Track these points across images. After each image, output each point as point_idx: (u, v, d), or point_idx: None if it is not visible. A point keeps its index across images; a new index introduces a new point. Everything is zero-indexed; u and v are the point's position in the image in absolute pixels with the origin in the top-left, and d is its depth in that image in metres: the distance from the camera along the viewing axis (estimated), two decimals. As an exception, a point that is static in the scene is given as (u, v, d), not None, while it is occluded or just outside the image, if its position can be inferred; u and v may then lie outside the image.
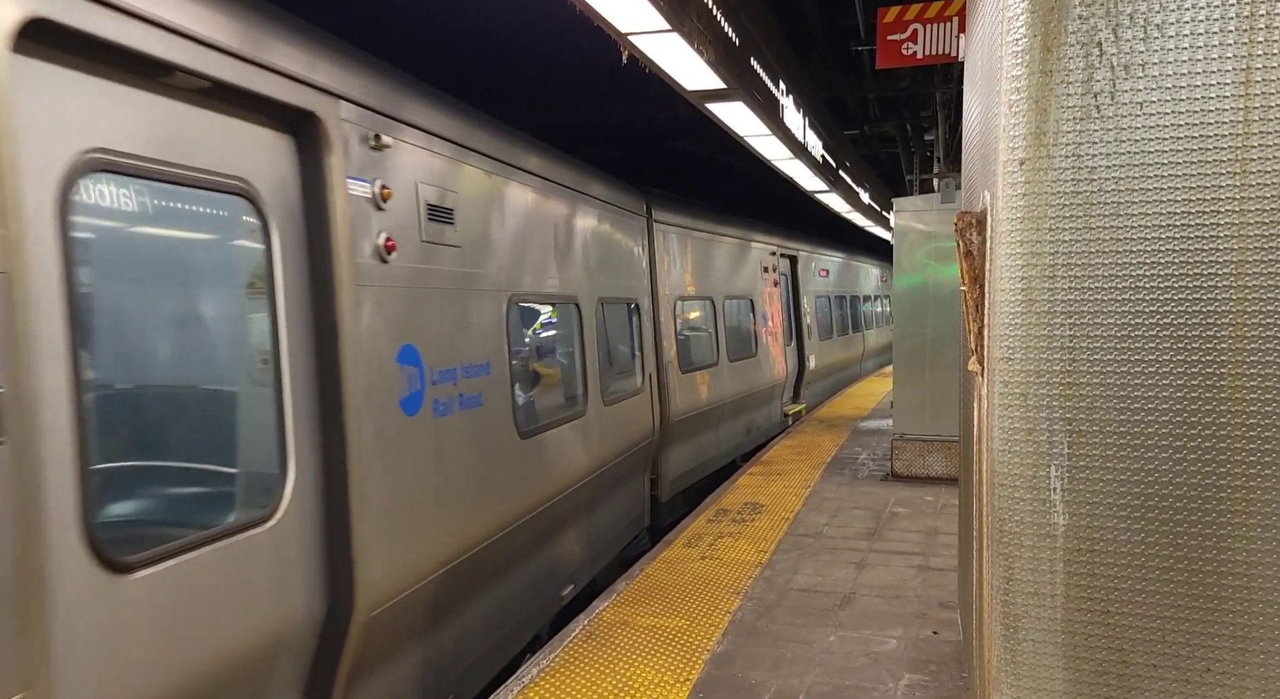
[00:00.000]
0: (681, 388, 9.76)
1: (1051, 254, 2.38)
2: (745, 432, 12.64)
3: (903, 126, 15.64)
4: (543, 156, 6.49)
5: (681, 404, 9.74)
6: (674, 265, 9.93)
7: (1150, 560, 2.36)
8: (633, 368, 8.66)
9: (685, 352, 10.25)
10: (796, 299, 15.98)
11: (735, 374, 11.77)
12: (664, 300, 9.44)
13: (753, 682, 4.71)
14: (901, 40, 8.34)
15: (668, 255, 9.68)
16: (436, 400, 4.71)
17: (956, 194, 8.98)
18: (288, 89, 3.63)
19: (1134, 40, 2.28)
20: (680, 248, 10.20)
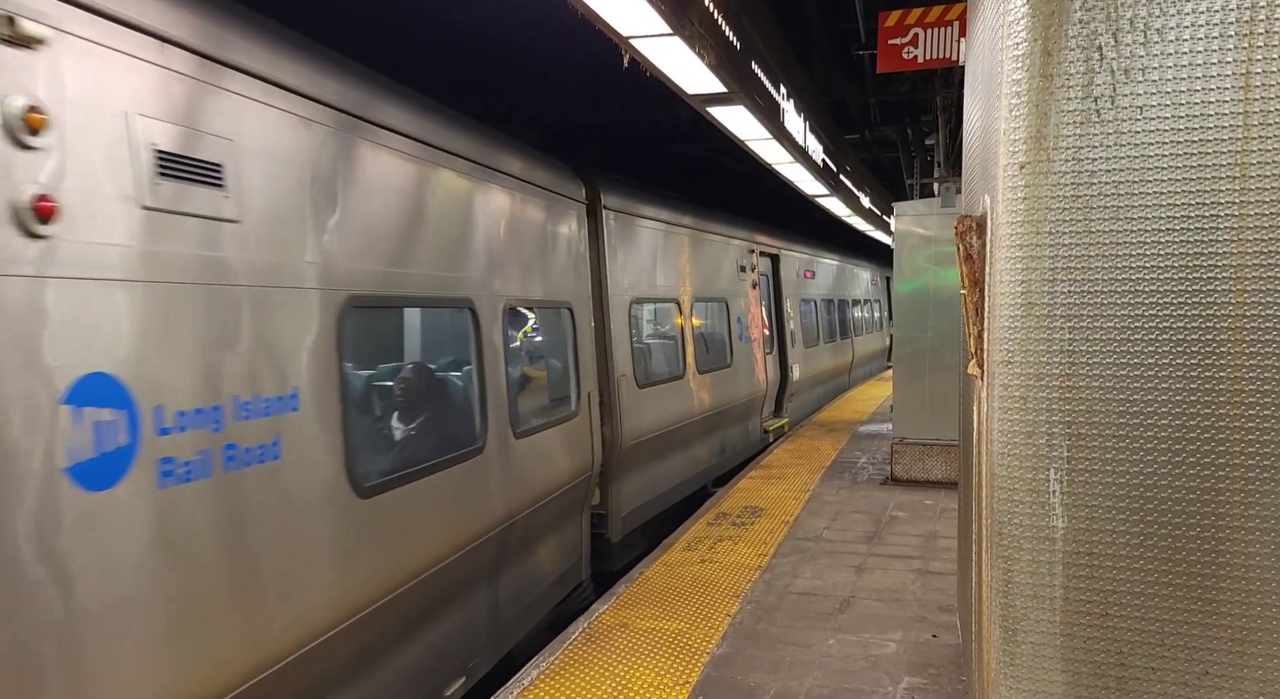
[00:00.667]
0: (638, 406, 8.46)
1: (1051, 257, 2.39)
2: (719, 452, 11.25)
3: (903, 131, 15.64)
4: (422, 116, 5.09)
5: (638, 425, 8.45)
6: (630, 262, 8.62)
7: (1149, 563, 2.36)
8: (563, 387, 7.21)
9: (644, 363, 9.01)
10: (779, 302, 14.57)
11: (706, 387, 10.47)
12: (615, 303, 8.14)
13: (752, 684, 4.71)
14: (902, 44, 8.35)
15: (621, 250, 8.40)
16: (168, 460, 3.14)
17: (957, 198, 8.99)
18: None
19: (1134, 44, 2.29)
20: (638, 241, 8.91)
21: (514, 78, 10.31)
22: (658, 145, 14.51)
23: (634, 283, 8.70)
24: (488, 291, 5.75)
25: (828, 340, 17.92)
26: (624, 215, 8.49)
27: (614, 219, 8.22)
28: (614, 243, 8.22)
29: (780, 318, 14.52)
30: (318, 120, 4.09)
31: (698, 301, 10.53)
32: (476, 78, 10.15)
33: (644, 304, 9.26)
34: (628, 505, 8.46)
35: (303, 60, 4.03)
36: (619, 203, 8.37)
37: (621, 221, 8.43)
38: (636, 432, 8.43)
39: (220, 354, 3.43)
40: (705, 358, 10.65)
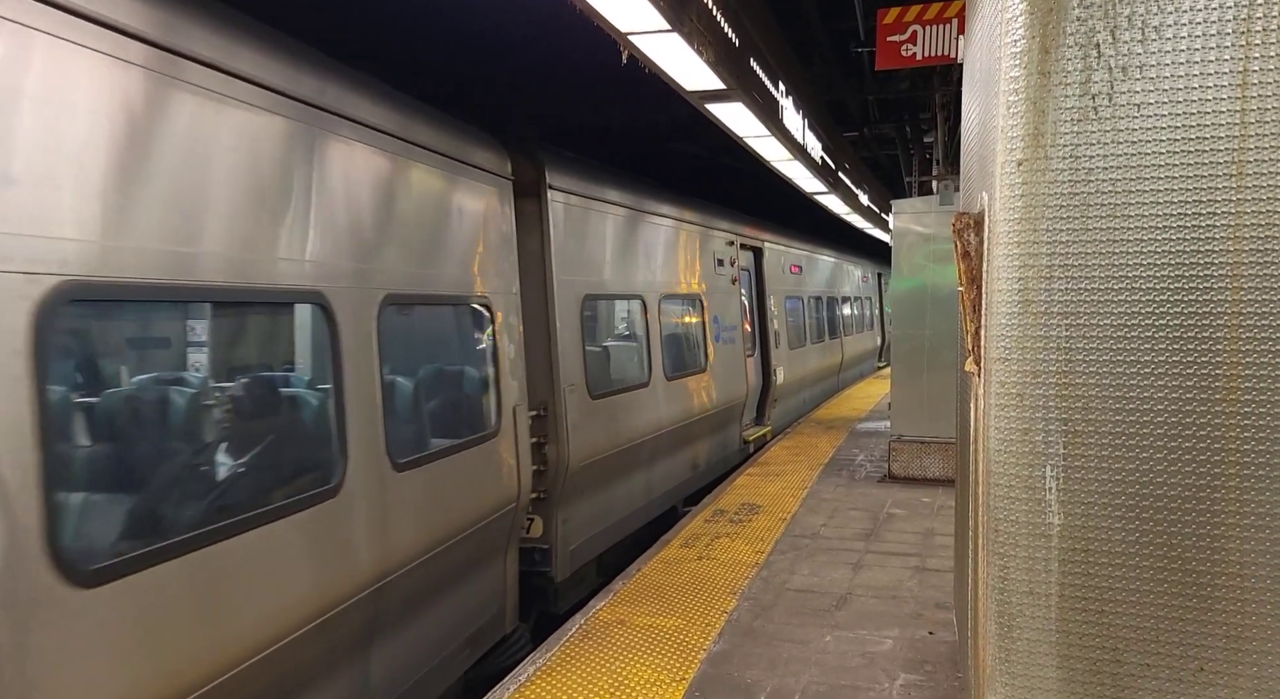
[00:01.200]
0: (590, 421, 7.36)
1: (1049, 255, 2.39)
2: (690, 468, 10.13)
3: (902, 129, 15.65)
4: (251, 48, 3.88)
5: (590, 443, 7.32)
6: (583, 252, 7.57)
7: (1144, 560, 2.37)
8: (477, 402, 5.96)
9: (599, 370, 7.92)
10: (761, 299, 13.42)
11: (676, 395, 9.33)
12: (564, 300, 7.04)
13: (749, 681, 4.72)
14: (901, 42, 8.35)
15: (573, 238, 7.31)
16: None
17: (955, 196, 8.99)
18: None
19: (1132, 42, 2.29)
20: (595, 229, 7.83)
21: (513, 76, 10.30)
22: (656, 144, 14.49)
23: (588, 277, 7.63)
24: (352, 282, 4.44)
25: (815, 340, 16.80)
26: (576, 198, 7.40)
27: (563, 202, 7.15)
28: (563, 230, 7.13)
29: (763, 316, 13.41)
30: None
31: (668, 299, 9.44)
32: (477, 75, 10.14)
33: (601, 301, 8.18)
34: (578, 537, 7.34)
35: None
36: (570, 184, 7.32)
37: (573, 206, 7.35)
38: (588, 450, 7.31)
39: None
40: (675, 362, 9.60)
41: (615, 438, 7.93)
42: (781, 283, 14.46)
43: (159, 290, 3.34)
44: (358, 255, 4.55)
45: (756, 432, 12.67)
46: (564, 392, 6.97)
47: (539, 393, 6.82)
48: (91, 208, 3.05)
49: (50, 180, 2.90)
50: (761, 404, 13.26)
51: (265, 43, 4.02)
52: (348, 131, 4.53)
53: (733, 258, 11.82)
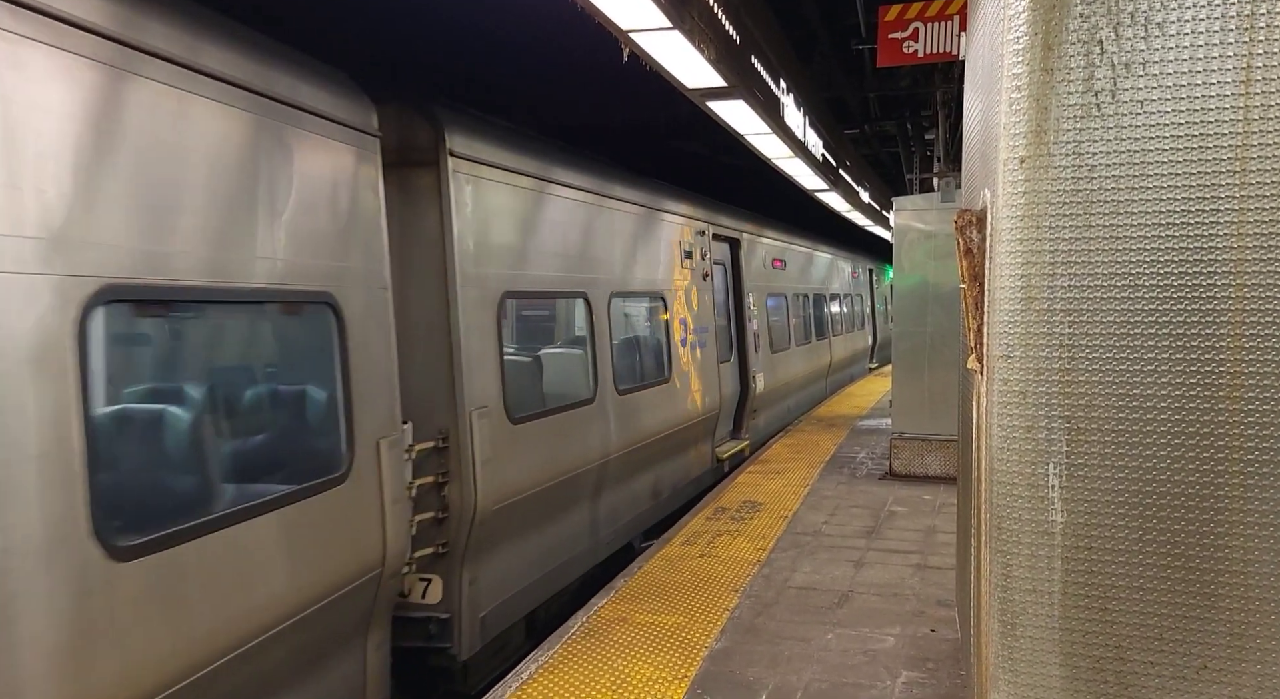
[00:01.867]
0: (510, 451, 5.95)
1: (1051, 252, 2.38)
2: (650, 496, 8.69)
3: (903, 126, 15.66)
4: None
5: (509, 479, 5.91)
6: (501, 240, 6.09)
7: (1148, 558, 2.37)
8: (303, 439, 4.62)
9: (523, 386, 6.60)
10: (739, 297, 11.97)
11: (630, 412, 8.00)
12: (470, 299, 5.63)
13: (750, 679, 4.72)
14: (902, 39, 8.34)
15: (485, 222, 5.85)
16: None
17: (956, 193, 8.99)
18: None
19: (1135, 39, 2.28)
20: (519, 212, 6.39)
21: (514, 75, 10.29)
22: (657, 142, 14.49)
23: (510, 270, 6.20)
24: (14, 267, 2.87)
25: (801, 342, 15.34)
26: (495, 171, 5.95)
27: (473, 176, 5.71)
28: (473, 211, 5.69)
29: (741, 316, 11.96)
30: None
31: (620, 297, 8.07)
32: (478, 73, 10.14)
33: (527, 301, 6.86)
34: (492, 599, 5.90)
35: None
36: (485, 153, 5.85)
37: (490, 181, 5.91)
38: (507, 488, 5.89)
39: None
40: (630, 372, 8.30)
41: (546, 469, 6.46)
42: (762, 279, 13.11)
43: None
44: (42, 224, 2.98)
45: (732, 447, 11.23)
46: (471, 416, 5.51)
47: (436, 418, 5.45)
48: None
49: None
50: (739, 415, 11.86)
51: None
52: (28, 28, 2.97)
53: (704, 250, 10.39)
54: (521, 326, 7.27)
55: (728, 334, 11.53)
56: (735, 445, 11.37)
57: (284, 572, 3.99)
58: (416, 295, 5.50)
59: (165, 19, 3.53)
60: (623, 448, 7.82)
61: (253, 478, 4.10)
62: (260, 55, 4.07)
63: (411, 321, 5.42)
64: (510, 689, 4.64)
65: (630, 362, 8.47)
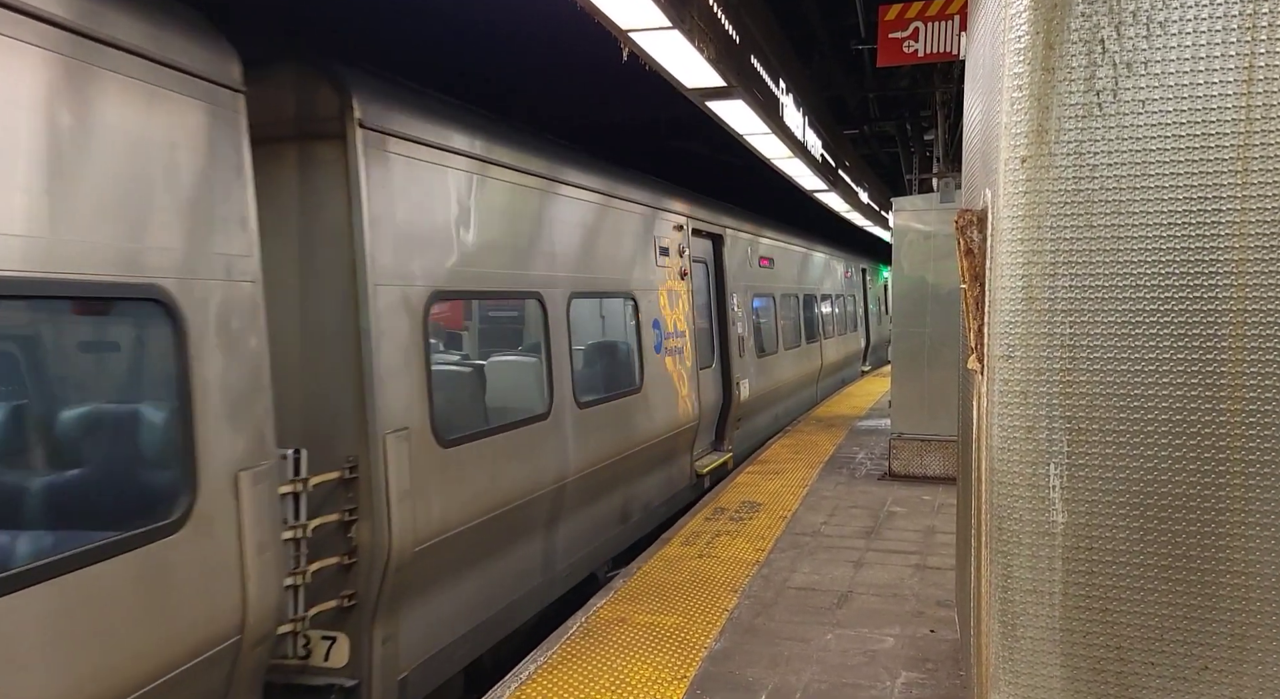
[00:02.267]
0: (438, 479, 5.11)
1: (1052, 252, 2.38)
2: (618, 520, 7.81)
3: (902, 126, 15.66)
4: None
5: (435, 513, 5.07)
6: (427, 229, 5.21)
7: (1149, 559, 2.36)
8: (111, 481, 3.60)
9: (457, 402, 5.77)
10: (722, 298, 11.07)
11: (593, 427, 7.11)
12: (388, 299, 4.79)
13: (750, 679, 4.72)
14: (903, 38, 8.34)
15: (407, 207, 4.99)
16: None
17: (956, 194, 8.99)
18: None
19: (1137, 38, 2.28)
20: (451, 197, 5.45)
21: (514, 74, 10.28)
22: (657, 141, 14.49)
23: (440, 266, 5.31)
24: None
25: (790, 345, 14.42)
26: (416, 148, 5.10)
27: (391, 152, 4.89)
28: (390, 194, 4.87)
29: (724, 319, 11.07)
30: None
31: (581, 297, 7.18)
32: (478, 72, 10.13)
33: (459, 302, 6.02)
34: (415, 656, 5.05)
35: None
36: (403, 125, 5.00)
37: (414, 160, 5.08)
38: (432, 525, 5.04)
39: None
40: (593, 382, 7.58)
41: (486, 499, 5.58)
42: (748, 278, 12.26)
43: None
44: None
45: (714, 460, 10.29)
46: (385, 440, 4.66)
47: (342, 443, 4.63)
48: None
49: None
50: (721, 426, 10.95)
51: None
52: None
53: (682, 246, 9.50)
54: (459, 332, 6.42)
55: (709, 338, 10.71)
56: (717, 458, 10.42)
57: (70, 658, 2.97)
58: (318, 294, 4.64)
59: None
60: (584, 468, 6.89)
61: (23, 537, 3.08)
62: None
63: (312, 326, 4.64)
64: (509, 689, 4.63)
65: (594, 370, 7.77)
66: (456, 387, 5.85)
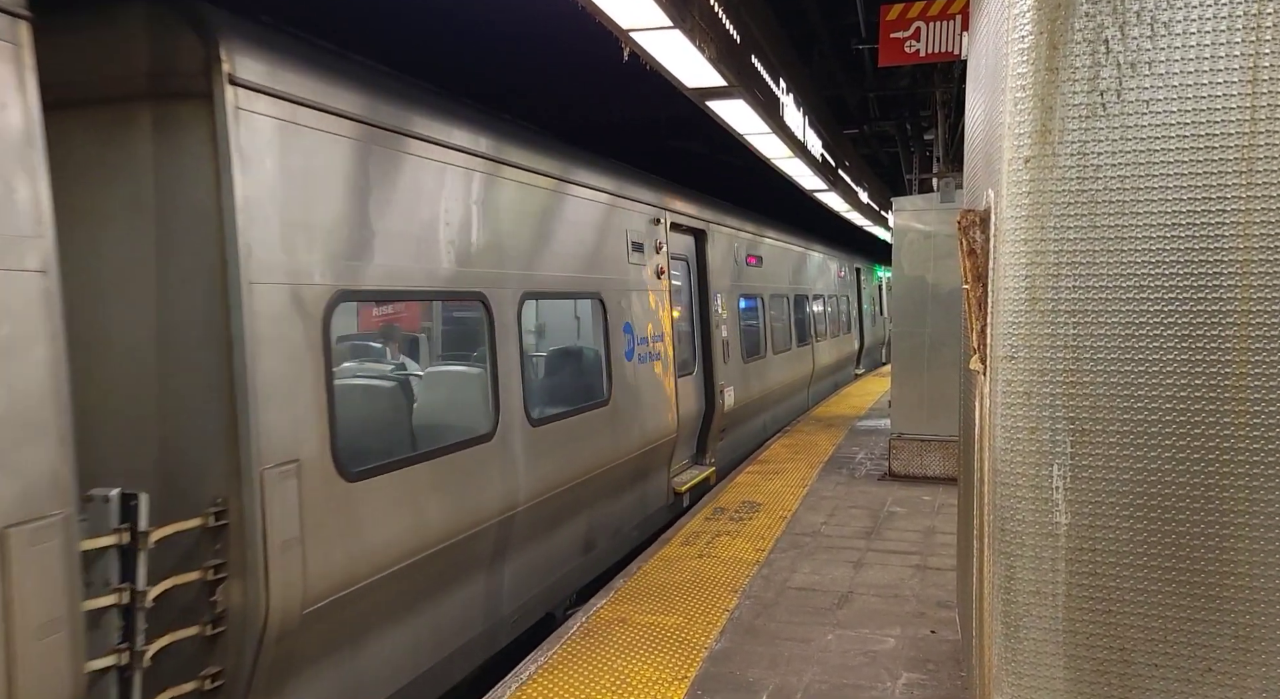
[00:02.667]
0: (337, 524, 4.20)
1: (1056, 252, 2.37)
2: (580, 550, 6.95)
3: (902, 126, 15.65)
4: None
5: (336, 563, 4.18)
6: (324, 213, 4.27)
7: (1153, 560, 2.35)
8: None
9: (372, 425, 5.11)
10: (704, 299, 10.22)
11: (550, 447, 6.21)
12: (270, 298, 3.90)
13: (751, 679, 4.71)
14: (904, 38, 8.33)
15: (294, 184, 4.08)
16: None
17: (957, 193, 8.99)
18: None
19: (1141, 38, 2.27)
20: (360, 175, 4.53)
21: (513, 72, 10.27)
22: (657, 141, 14.47)
23: (346, 260, 4.37)
24: None
25: (779, 349, 13.55)
26: (313, 114, 4.15)
27: (273, 117, 3.94)
28: (273, 168, 3.94)
29: (707, 322, 10.22)
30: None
31: (535, 299, 6.29)
32: (477, 70, 10.12)
33: (369, 304, 5.37)
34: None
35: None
36: (292, 85, 4.05)
37: (304, 127, 4.11)
38: (330, 579, 4.13)
39: None
40: (551, 396, 6.89)
41: (408, 541, 4.66)
42: (734, 277, 11.44)
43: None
44: None
45: (695, 476, 9.48)
46: (263, 476, 3.75)
47: (208, 481, 3.73)
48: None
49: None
50: (703, 438, 10.08)
51: None
52: None
53: (659, 242, 8.65)
54: (377, 340, 5.59)
55: (690, 342, 9.93)
56: (699, 473, 9.57)
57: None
58: (178, 293, 3.72)
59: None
60: (538, 495, 6.01)
61: None
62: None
63: (170, 333, 3.72)
64: (510, 690, 4.63)
65: (553, 382, 7.02)
66: (371, 406, 5.10)
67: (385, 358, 5.88)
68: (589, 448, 6.87)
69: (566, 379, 7.40)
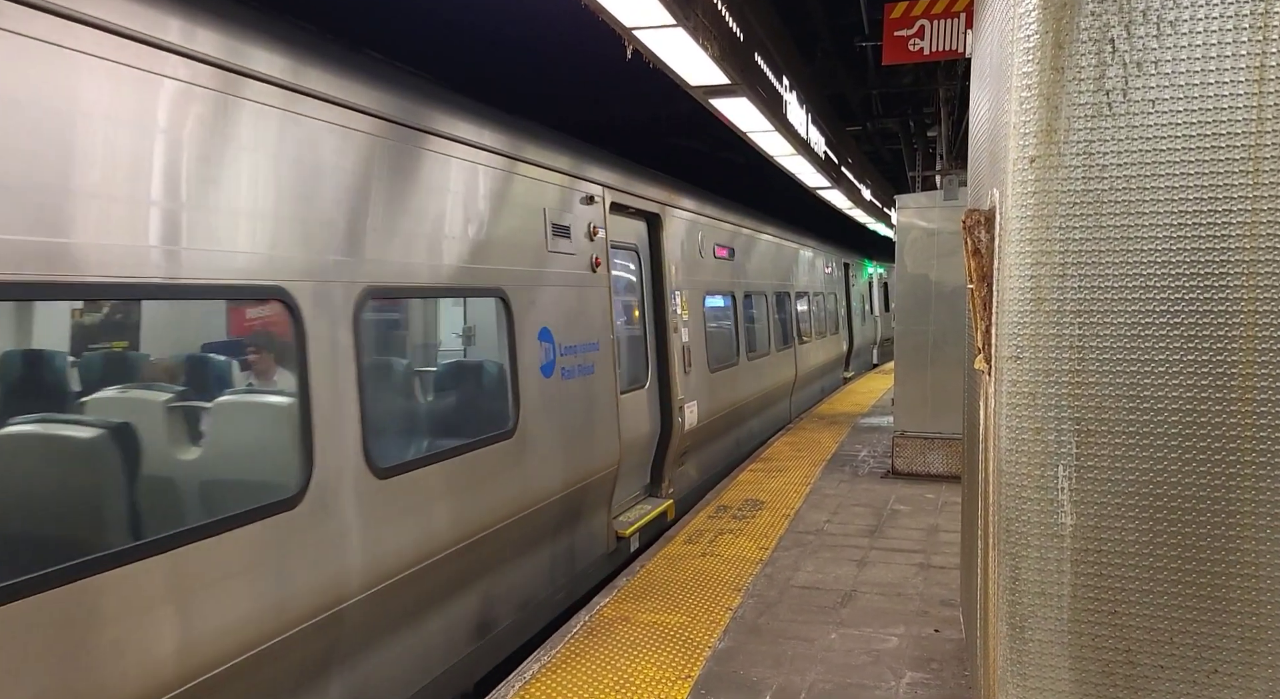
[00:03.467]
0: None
1: (1062, 252, 2.36)
2: (470, 634, 5.23)
3: (905, 123, 15.64)
4: None
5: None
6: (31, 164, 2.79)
7: (1158, 561, 2.35)
8: None
9: (45, 506, 3.04)
10: (659, 297, 8.47)
11: (411, 506, 4.56)
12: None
13: (754, 679, 4.71)
14: (908, 36, 8.31)
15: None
16: None
17: (960, 191, 8.97)
18: None
19: (1147, 37, 2.26)
20: (74, 107, 2.97)
21: (514, 71, 10.26)
22: (658, 139, 14.44)
23: (34, 229, 2.85)
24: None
25: (756, 354, 11.94)
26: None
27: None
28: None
29: (662, 324, 8.49)
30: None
31: (390, 296, 4.61)
32: (480, 71, 10.11)
33: (72, 302, 3.26)
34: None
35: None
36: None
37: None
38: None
39: None
40: (409, 432, 5.11)
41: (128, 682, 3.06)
42: (699, 271, 9.73)
43: None
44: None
45: (646, 513, 7.85)
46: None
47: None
48: None
49: None
50: (658, 465, 8.47)
51: None
52: None
53: (595, 226, 6.97)
54: (60, 361, 3.30)
55: (641, 349, 8.22)
56: (650, 510, 7.93)
57: None
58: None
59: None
60: (388, 577, 4.35)
61: None
62: None
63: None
64: (513, 689, 4.63)
65: (412, 414, 5.25)
66: (32, 472, 3.04)
67: (76, 387, 3.35)
68: (480, 498, 5.17)
69: (442, 407, 5.55)
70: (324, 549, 3.96)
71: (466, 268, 5.25)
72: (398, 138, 4.66)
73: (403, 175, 4.71)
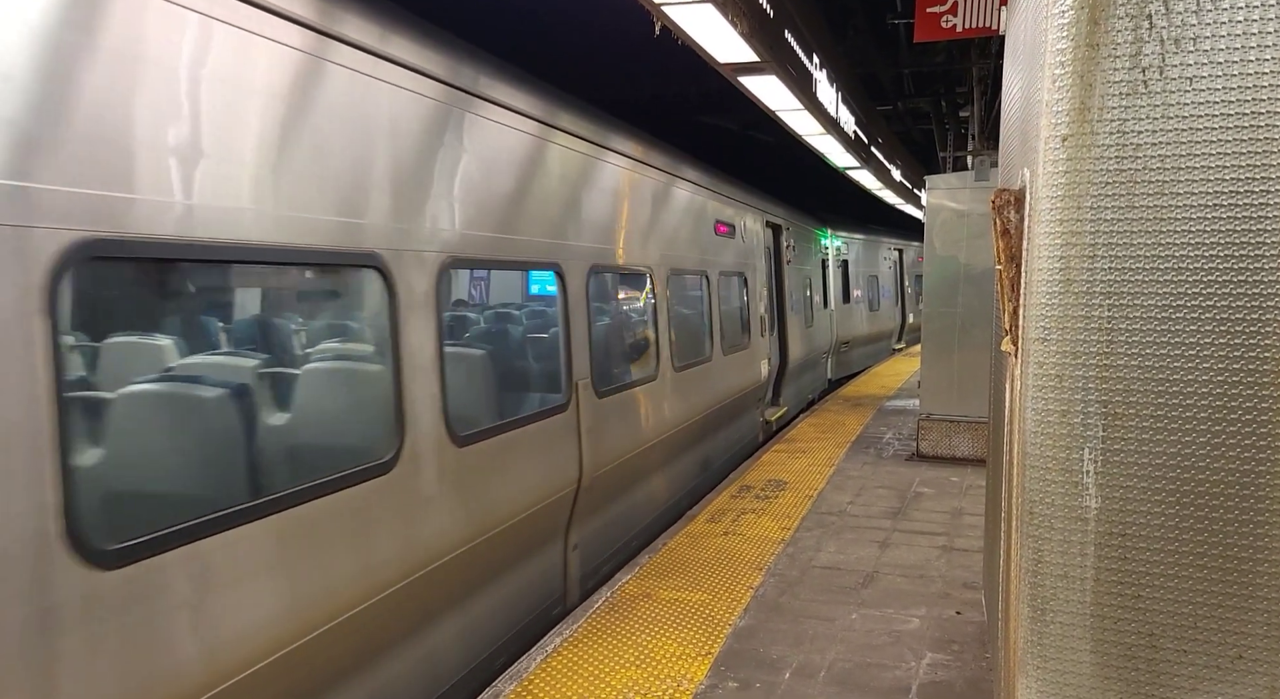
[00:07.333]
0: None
1: (1092, 233, 2.33)
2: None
3: (937, 103, 15.42)
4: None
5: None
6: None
7: (1184, 546, 2.33)
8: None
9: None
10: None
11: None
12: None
13: (774, 657, 4.73)
14: (941, 13, 8.18)
15: None
16: None
17: (992, 172, 8.85)
18: None
19: (1185, 13, 2.21)
20: None
21: (543, 47, 10.21)
22: (686, 116, 14.32)
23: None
24: None
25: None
26: None
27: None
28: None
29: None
30: None
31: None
32: (508, 50, 10.07)
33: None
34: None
35: None
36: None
37: None
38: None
39: None
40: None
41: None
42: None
43: None
44: None
45: (777, 411, 8.21)
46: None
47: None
48: None
49: None
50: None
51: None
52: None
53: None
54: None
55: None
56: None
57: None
58: None
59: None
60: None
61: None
62: None
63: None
64: (535, 662, 4.68)
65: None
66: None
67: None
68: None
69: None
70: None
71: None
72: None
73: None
